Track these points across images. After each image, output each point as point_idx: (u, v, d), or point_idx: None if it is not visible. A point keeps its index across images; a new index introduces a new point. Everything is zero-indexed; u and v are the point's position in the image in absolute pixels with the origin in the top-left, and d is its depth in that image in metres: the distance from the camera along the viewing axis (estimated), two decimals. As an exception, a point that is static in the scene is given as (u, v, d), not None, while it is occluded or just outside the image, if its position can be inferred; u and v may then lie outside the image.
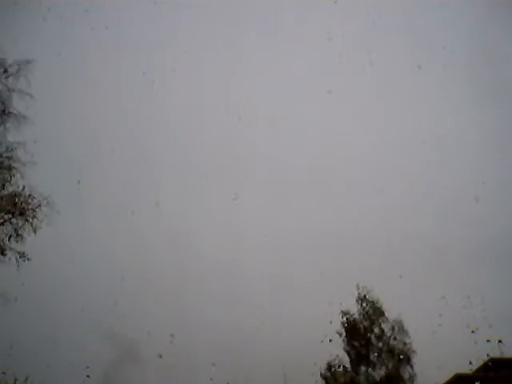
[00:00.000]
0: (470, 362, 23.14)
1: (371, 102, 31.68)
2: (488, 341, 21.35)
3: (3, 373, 20.74)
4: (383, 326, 27.78)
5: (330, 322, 27.80)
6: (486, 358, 23.85)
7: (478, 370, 24.55)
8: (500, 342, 21.78)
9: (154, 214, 25.07)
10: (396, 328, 27.65)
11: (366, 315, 27.79)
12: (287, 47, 34.45)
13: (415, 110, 31.90)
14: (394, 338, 27.68)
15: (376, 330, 27.72)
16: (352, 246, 27.80)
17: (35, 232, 20.59)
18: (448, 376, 25.68)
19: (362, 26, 30.32)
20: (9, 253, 20.37)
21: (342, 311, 27.54)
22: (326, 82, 31.11)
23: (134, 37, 30.70)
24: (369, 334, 27.54)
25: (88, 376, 21.33)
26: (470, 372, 24.09)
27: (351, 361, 27.48)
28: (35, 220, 20.59)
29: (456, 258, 26.92)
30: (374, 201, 29.48)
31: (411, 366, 27.12)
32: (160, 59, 30.69)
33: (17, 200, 20.53)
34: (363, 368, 27.36)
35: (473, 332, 21.33)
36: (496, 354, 22.76)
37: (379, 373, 27.37)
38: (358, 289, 27.61)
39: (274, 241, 28.83)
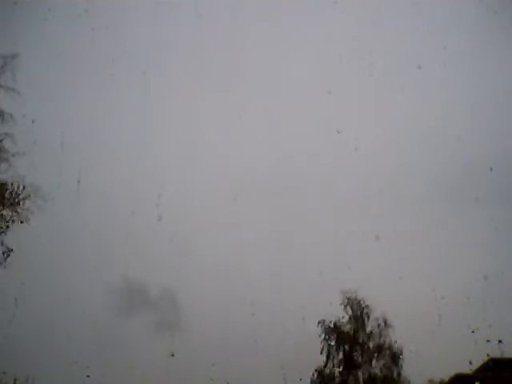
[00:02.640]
0: (470, 362, 23.17)
1: (371, 102, 31.69)
2: (488, 341, 21.36)
3: (3, 372, 20.74)
4: (370, 325, 27.82)
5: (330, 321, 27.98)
6: (485, 358, 23.89)
7: (478, 370, 24.57)
8: (500, 342, 21.79)
9: (153, 214, 25.02)
10: (381, 324, 27.64)
11: (352, 318, 27.79)
12: (287, 47, 34.50)
13: (415, 110, 31.91)
14: (381, 335, 27.70)
15: (364, 331, 27.74)
16: (352, 247, 27.82)
17: (24, 223, 20.13)
18: (448, 376, 25.73)
19: (361, 26, 30.35)
20: None
21: (319, 321, 27.43)
22: (325, 83, 31.14)
23: (134, 37, 30.71)
24: (356, 336, 27.55)
25: (88, 376, 21.30)
26: (469, 372, 24.11)
27: (340, 364, 27.46)
28: (25, 211, 20.16)
29: (456, 257, 26.97)
30: (374, 201, 29.50)
31: (400, 366, 27.15)
32: (160, 59, 30.72)
33: (5, 190, 20.11)
34: (353, 370, 27.36)
35: (473, 332, 21.34)
36: (496, 354, 22.80)
37: (369, 372, 27.40)
38: (344, 294, 27.64)
39: (274, 240, 28.84)
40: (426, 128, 31.07)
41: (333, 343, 27.34)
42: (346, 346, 27.42)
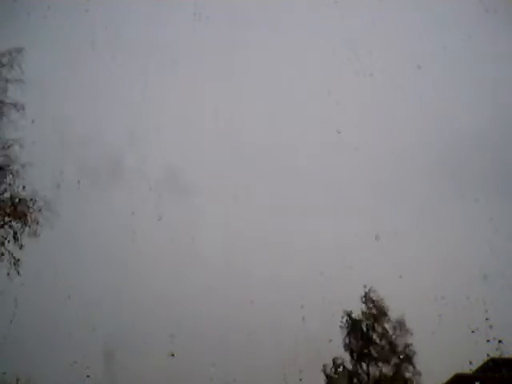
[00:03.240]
0: (470, 362, 23.20)
1: (371, 102, 31.70)
2: (488, 341, 21.38)
3: (3, 373, 20.74)
4: (386, 325, 28.00)
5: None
6: (485, 358, 23.90)
7: (478, 370, 24.59)
8: (500, 342, 21.80)
9: (153, 214, 25.04)
10: (398, 327, 27.82)
11: (369, 314, 28.03)
12: (286, 46, 34.47)
13: (415, 110, 31.90)
14: (397, 337, 27.88)
15: (379, 329, 27.92)
16: (352, 247, 27.82)
17: (35, 236, 20.47)
18: (448, 376, 25.74)
19: (362, 25, 30.33)
20: (6, 256, 20.25)
21: (344, 310, 27.85)
22: (325, 83, 31.11)
23: (134, 37, 30.66)
24: (371, 333, 27.74)
25: (88, 376, 21.31)
26: (469, 372, 24.13)
27: (353, 359, 27.69)
28: (35, 224, 20.45)
29: (456, 257, 26.98)
30: (374, 201, 29.51)
31: (413, 366, 27.30)
32: (160, 59, 30.66)
33: (17, 203, 20.39)
34: (365, 366, 27.57)
35: (473, 332, 21.36)
36: (496, 354, 22.81)
37: (381, 371, 27.56)
38: (365, 288, 28.00)
39: (274, 240, 28.86)
40: (425, 128, 31.09)
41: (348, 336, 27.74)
42: (359, 341, 27.71)
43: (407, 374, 27.32)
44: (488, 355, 23.21)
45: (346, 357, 27.87)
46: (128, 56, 30.49)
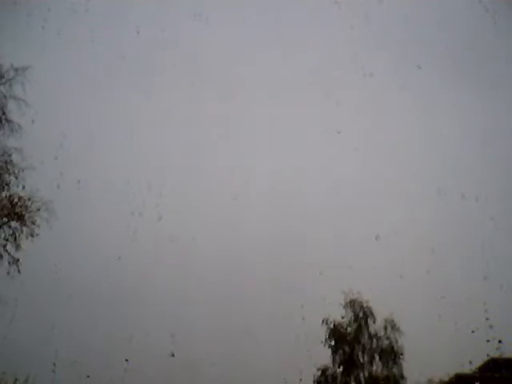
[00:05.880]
0: (470, 362, 23.15)
1: (371, 102, 31.69)
2: (488, 341, 21.35)
3: (3, 372, 20.74)
4: (373, 326, 27.90)
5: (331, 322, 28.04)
6: (485, 358, 23.88)
7: (478, 370, 24.56)
8: (500, 342, 21.77)
9: (153, 214, 25.04)
10: (388, 327, 27.74)
11: (354, 318, 27.90)
12: (287, 47, 34.50)
13: (415, 110, 31.89)
14: (387, 338, 27.77)
15: (366, 332, 27.82)
16: (352, 247, 27.85)
17: (33, 236, 20.41)
18: (448, 376, 25.72)
19: (362, 25, 30.34)
20: (5, 256, 20.21)
21: (323, 320, 27.63)
22: (325, 83, 31.17)
23: (135, 37, 30.71)
24: (359, 336, 27.62)
25: (88, 376, 21.30)
26: (470, 372, 24.09)
27: (342, 364, 27.54)
28: (33, 224, 20.40)
29: (456, 256, 26.98)
30: (374, 200, 29.53)
31: (400, 365, 27.23)
32: (161, 59, 30.72)
33: (15, 203, 20.32)
34: (354, 370, 27.42)
35: (473, 332, 21.34)
36: (496, 354, 22.78)
37: (372, 373, 27.44)
38: (346, 294, 27.83)
39: (274, 240, 28.87)
40: (426, 128, 31.07)
41: (333, 343, 27.47)
42: (347, 347, 27.51)
43: (397, 374, 27.25)
44: (488, 355, 23.18)
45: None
46: (128, 56, 30.54)
